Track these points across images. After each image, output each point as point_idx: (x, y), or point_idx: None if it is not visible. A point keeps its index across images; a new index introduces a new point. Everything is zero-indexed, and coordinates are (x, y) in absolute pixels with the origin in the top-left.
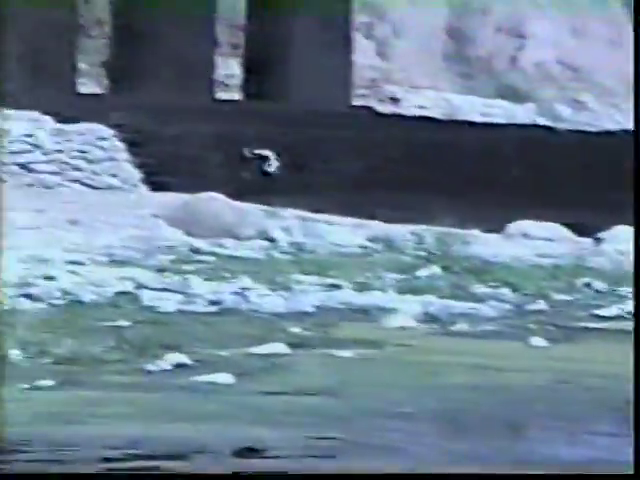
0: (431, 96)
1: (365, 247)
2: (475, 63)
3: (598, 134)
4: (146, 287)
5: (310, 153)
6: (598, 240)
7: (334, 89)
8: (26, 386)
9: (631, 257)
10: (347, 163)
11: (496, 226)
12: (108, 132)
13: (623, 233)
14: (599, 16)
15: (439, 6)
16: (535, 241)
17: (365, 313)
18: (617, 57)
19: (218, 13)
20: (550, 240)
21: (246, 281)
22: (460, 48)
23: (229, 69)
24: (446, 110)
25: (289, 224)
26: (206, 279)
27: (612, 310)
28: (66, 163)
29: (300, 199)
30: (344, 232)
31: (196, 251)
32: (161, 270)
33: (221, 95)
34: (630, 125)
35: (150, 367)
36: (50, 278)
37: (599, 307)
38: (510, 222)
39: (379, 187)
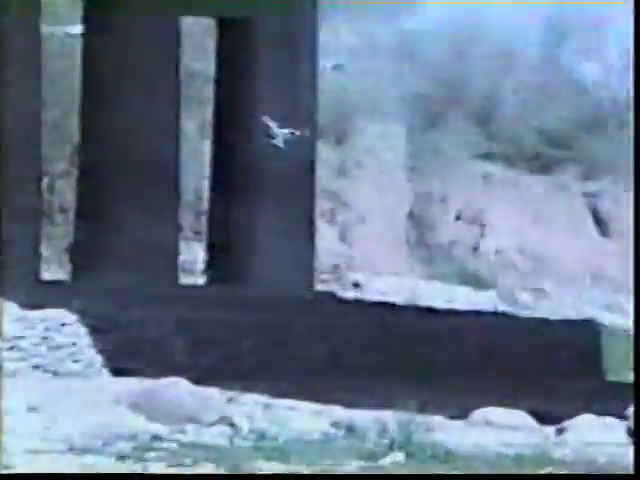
0: (393, 282)
1: (327, 433)
2: (437, 250)
3: (559, 322)
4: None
5: (272, 338)
6: (562, 430)
7: (297, 274)
8: None
9: (597, 448)
10: (309, 348)
11: (460, 412)
12: (71, 318)
13: (588, 423)
14: (558, 205)
15: (403, 195)
16: (499, 429)
17: None
18: (577, 245)
19: (182, 199)
20: (514, 428)
21: (209, 467)
22: (422, 235)
23: (192, 254)
24: (408, 296)
25: (251, 410)
26: (168, 466)
27: None
28: (28, 350)
29: (262, 384)
30: (306, 418)
31: (157, 438)
32: (122, 457)
33: (184, 280)
34: None
35: None
36: (7, 467)
37: None
38: (474, 409)
39: (341, 372)
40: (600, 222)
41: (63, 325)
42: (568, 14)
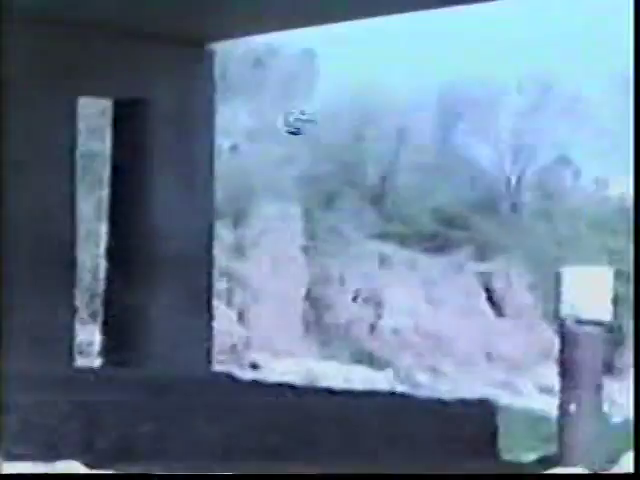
0: (291, 363)
1: None
2: (334, 330)
3: (455, 402)
4: None
5: (169, 420)
6: None
7: (194, 355)
8: None
9: None
10: (207, 430)
11: None
12: None
13: None
14: (453, 285)
15: (300, 276)
16: None
17: None
18: (472, 325)
19: (77, 280)
20: None
21: None
22: (319, 315)
23: (88, 335)
24: (306, 376)
25: None
26: None
27: None
28: None
29: (157, 465)
30: None
31: None
32: None
33: (80, 362)
34: None
35: None
36: None
37: None
38: None
39: (237, 454)
40: (494, 302)
41: None
42: (461, 95)
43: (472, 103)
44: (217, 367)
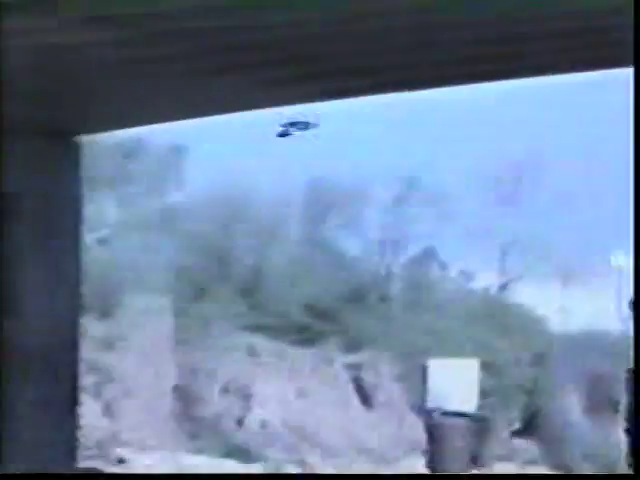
0: (159, 457)
1: None
2: (203, 423)
3: None
4: None
5: None
6: None
7: (59, 450)
8: None
9: None
10: None
11: None
12: None
13: None
14: (323, 377)
15: (168, 368)
16: None
17: None
18: (341, 417)
19: None
20: None
21: None
22: (188, 408)
23: None
24: (175, 470)
25: None
26: None
27: None
28: None
29: None
30: None
31: None
32: None
33: None
34: None
35: None
36: None
37: None
38: None
39: None
40: (363, 393)
41: None
42: (330, 189)
43: (341, 197)
44: (83, 463)
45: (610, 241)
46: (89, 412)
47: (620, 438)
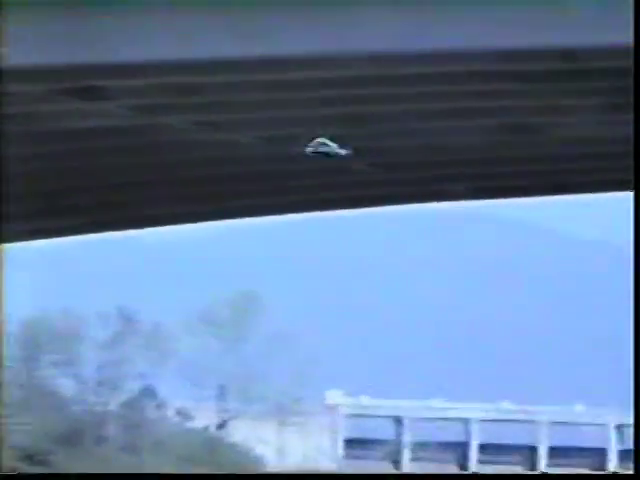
0: None
1: None
2: None
3: None
4: None
5: None
6: None
7: None
8: None
9: None
10: None
11: None
12: None
13: None
14: None
15: None
16: None
17: None
18: None
19: None
20: None
21: None
22: None
23: None
24: None
25: None
26: None
27: None
28: None
29: None
30: None
31: None
32: None
33: None
34: None
35: None
36: None
37: None
38: None
39: None
40: None
41: None
42: (44, 327)
43: (55, 335)
44: None
45: (325, 381)
46: None
47: None
